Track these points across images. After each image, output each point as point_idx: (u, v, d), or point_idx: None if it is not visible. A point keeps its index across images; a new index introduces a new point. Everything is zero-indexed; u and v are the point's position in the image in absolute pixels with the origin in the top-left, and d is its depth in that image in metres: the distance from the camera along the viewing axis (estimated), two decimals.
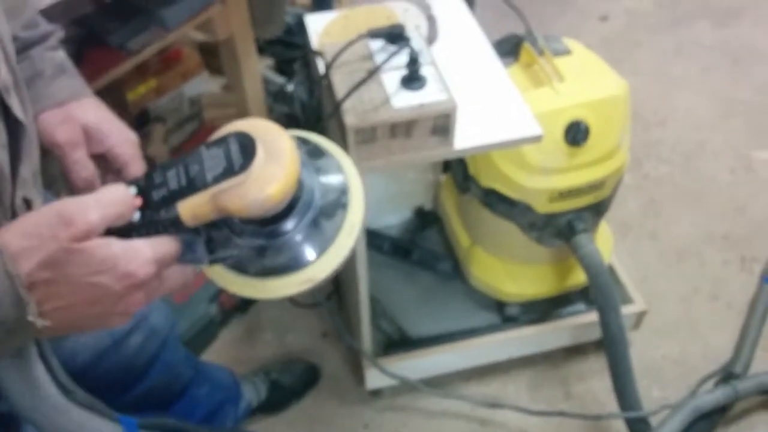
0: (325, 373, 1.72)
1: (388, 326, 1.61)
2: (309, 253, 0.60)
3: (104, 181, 0.79)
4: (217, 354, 1.75)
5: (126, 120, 1.83)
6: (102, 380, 0.96)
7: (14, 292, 0.49)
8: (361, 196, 0.62)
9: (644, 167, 2.22)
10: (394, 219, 1.85)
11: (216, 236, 0.60)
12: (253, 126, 0.58)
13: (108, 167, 0.79)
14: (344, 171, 0.64)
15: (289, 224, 0.59)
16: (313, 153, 0.65)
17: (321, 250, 0.60)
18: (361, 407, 1.66)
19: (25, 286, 0.50)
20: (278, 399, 1.63)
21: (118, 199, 0.55)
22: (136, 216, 0.57)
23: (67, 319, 0.54)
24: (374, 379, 1.57)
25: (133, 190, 0.58)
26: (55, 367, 0.68)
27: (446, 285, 1.71)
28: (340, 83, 1.05)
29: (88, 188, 0.76)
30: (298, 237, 0.59)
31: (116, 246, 0.53)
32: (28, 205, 0.68)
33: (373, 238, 1.76)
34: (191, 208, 0.56)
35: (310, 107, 1.28)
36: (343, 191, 0.62)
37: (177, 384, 1.24)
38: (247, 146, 0.56)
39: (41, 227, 0.51)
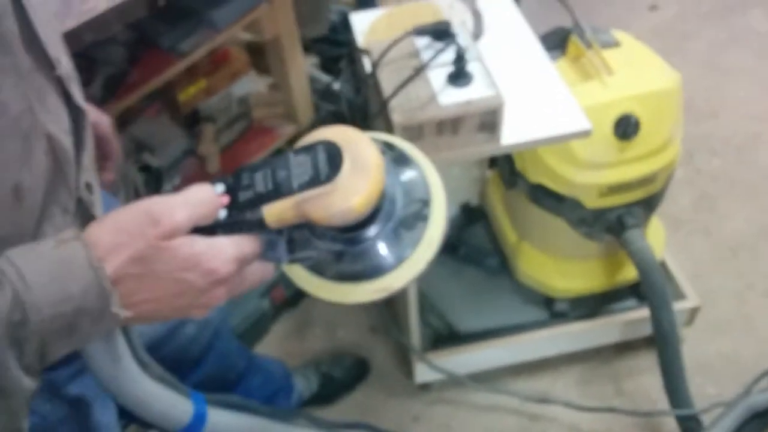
0: (374, 367, 1.74)
1: (436, 321, 1.62)
2: (386, 262, 0.60)
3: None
4: (269, 347, 1.78)
5: (177, 120, 1.87)
6: None
7: (99, 283, 0.52)
8: (444, 209, 0.63)
9: (696, 160, 2.17)
10: None
11: (297, 237, 0.61)
12: (341, 135, 0.59)
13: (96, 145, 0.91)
14: (428, 182, 0.64)
15: (369, 233, 0.60)
16: (399, 160, 0.65)
17: (398, 261, 0.60)
18: (411, 400, 1.67)
19: (114, 279, 0.53)
20: (329, 391, 1.66)
21: (204, 199, 0.58)
22: (222, 214, 0.59)
23: (151, 310, 0.56)
24: (423, 373, 1.58)
25: (220, 188, 0.60)
26: (135, 342, 0.72)
27: (494, 280, 1.70)
28: (386, 81, 1.06)
29: None
30: (377, 246, 0.60)
31: (200, 244, 0.56)
32: (89, 189, 0.71)
33: None
34: (276, 213, 0.57)
35: (356, 105, 1.29)
36: (425, 203, 0.62)
37: (231, 374, 1.28)
38: (334, 156, 0.57)
39: (130, 224, 0.54)
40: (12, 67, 0.58)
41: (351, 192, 0.55)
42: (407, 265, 0.60)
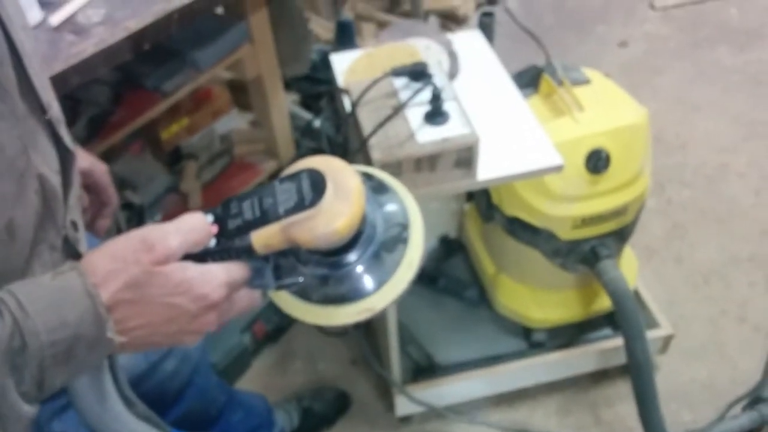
0: (355, 400, 1.75)
1: (416, 353, 1.64)
2: (369, 284, 0.63)
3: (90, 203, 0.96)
4: (250, 382, 1.78)
5: (160, 157, 1.89)
6: None
7: (94, 311, 0.55)
8: (422, 232, 0.66)
9: (667, 191, 2.23)
10: None
11: (283, 264, 0.64)
12: (324, 163, 0.62)
13: (92, 192, 0.95)
14: (406, 207, 0.67)
15: (351, 256, 0.63)
16: (377, 188, 0.69)
17: (380, 283, 0.63)
18: None
19: (109, 306, 0.56)
20: (310, 426, 1.66)
21: (196, 227, 0.61)
22: (212, 242, 0.61)
23: (144, 336, 0.59)
24: (404, 406, 1.59)
25: (210, 218, 0.63)
26: (121, 381, 0.73)
27: (473, 312, 1.73)
28: (366, 120, 1.09)
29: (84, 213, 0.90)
30: (360, 269, 0.63)
31: (192, 270, 0.59)
32: (75, 227, 0.74)
33: None
34: (263, 238, 0.60)
35: (336, 142, 1.33)
36: (404, 227, 0.66)
37: (211, 409, 1.28)
38: (318, 182, 0.60)
39: (126, 251, 0.57)
40: (9, 112, 0.61)
41: (334, 215, 0.59)
42: (389, 285, 0.63)
